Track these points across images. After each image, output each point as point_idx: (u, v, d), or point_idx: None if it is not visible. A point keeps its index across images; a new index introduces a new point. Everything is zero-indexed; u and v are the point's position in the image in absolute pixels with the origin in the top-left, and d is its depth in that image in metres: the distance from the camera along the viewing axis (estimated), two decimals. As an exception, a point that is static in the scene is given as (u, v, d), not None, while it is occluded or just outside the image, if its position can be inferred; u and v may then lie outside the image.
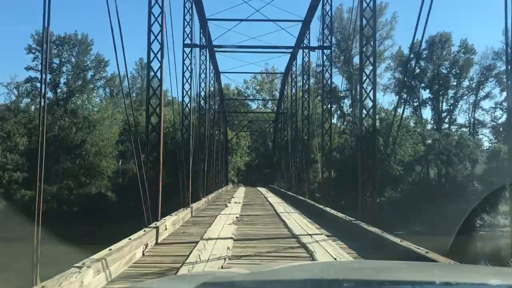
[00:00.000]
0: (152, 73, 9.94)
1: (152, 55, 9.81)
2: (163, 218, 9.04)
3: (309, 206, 15.35)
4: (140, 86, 57.03)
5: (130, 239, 6.12)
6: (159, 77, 9.86)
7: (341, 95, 42.16)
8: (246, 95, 57.45)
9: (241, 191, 31.47)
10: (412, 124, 30.50)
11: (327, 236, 8.50)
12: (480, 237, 30.21)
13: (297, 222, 10.93)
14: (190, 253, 6.53)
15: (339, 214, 10.53)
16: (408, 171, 29.56)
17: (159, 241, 7.73)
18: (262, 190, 33.33)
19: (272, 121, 47.61)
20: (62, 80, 41.61)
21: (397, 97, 49.16)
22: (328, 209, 12.29)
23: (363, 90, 10.63)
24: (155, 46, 9.81)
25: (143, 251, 6.57)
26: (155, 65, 9.92)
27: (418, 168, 32.31)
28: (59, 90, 41.05)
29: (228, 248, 7.01)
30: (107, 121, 35.52)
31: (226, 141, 42.96)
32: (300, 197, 19.49)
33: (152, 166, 10.21)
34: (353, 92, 41.34)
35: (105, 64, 43.68)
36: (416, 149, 29.35)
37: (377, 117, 35.58)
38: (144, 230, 7.16)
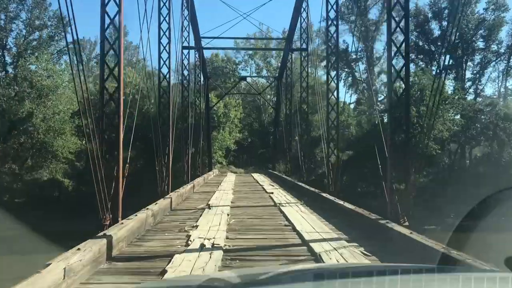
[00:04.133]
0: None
1: None
2: None
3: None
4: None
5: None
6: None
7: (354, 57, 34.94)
8: (237, 61, 49.29)
9: (229, 185, 20.21)
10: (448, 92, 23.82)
11: None
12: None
13: None
14: None
15: None
16: (443, 150, 23.04)
17: None
18: (263, 181, 22.79)
19: (273, 78, 37.99)
20: (11, 41, 34.07)
21: (414, 66, 42.60)
22: None
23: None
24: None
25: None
26: None
27: (453, 146, 25.69)
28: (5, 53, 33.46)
29: None
30: (61, 89, 28.16)
31: (207, 109, 32.96)
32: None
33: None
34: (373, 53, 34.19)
35: (67, 23, 35.87)
36: (456, 122, 22.66)
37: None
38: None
